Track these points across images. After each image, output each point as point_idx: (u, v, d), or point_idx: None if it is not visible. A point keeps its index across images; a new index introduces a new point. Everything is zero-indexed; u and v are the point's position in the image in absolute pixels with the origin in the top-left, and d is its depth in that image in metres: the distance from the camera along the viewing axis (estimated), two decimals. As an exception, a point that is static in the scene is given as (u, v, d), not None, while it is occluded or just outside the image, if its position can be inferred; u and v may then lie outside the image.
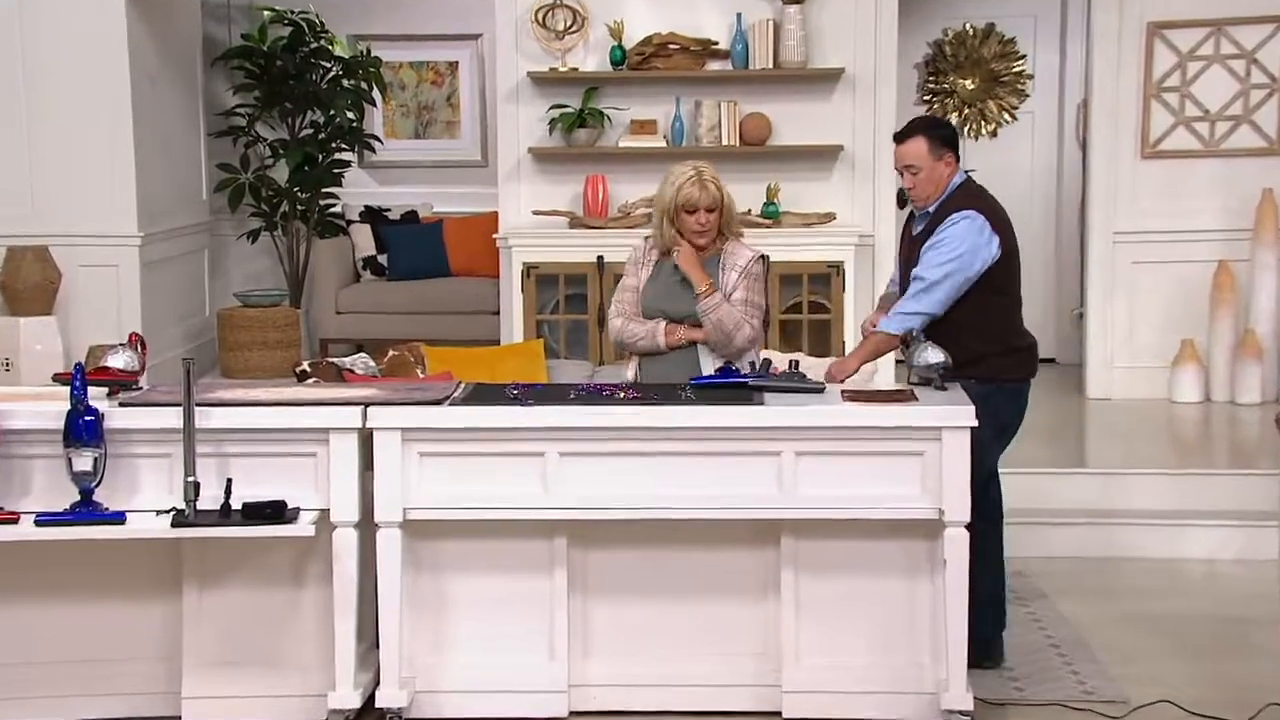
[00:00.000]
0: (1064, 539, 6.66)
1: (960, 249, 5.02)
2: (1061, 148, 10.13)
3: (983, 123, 10.16)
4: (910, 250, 5.25)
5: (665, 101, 8.59)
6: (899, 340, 5.09)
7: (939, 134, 5.17)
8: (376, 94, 10.29)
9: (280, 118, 10.00)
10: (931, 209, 5.18)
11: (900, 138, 5.22)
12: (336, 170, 10.09)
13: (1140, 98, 8.69)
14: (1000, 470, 5.24)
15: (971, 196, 5.17)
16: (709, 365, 5.28)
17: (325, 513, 4.65)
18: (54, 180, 8.61)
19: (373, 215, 10.51)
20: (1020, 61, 10.20)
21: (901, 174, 5.21)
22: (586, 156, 8.56)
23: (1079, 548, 6.64)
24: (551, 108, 8.57)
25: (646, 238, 5.44)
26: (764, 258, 5.40)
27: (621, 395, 4.80)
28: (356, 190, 10.70)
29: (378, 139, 10.51)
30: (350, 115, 10.01)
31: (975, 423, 4.60)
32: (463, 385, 5.04)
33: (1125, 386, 8.79)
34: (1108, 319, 8.82)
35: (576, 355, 8.32)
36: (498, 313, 8.83)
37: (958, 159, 5.20)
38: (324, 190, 10.09)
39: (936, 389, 4.88)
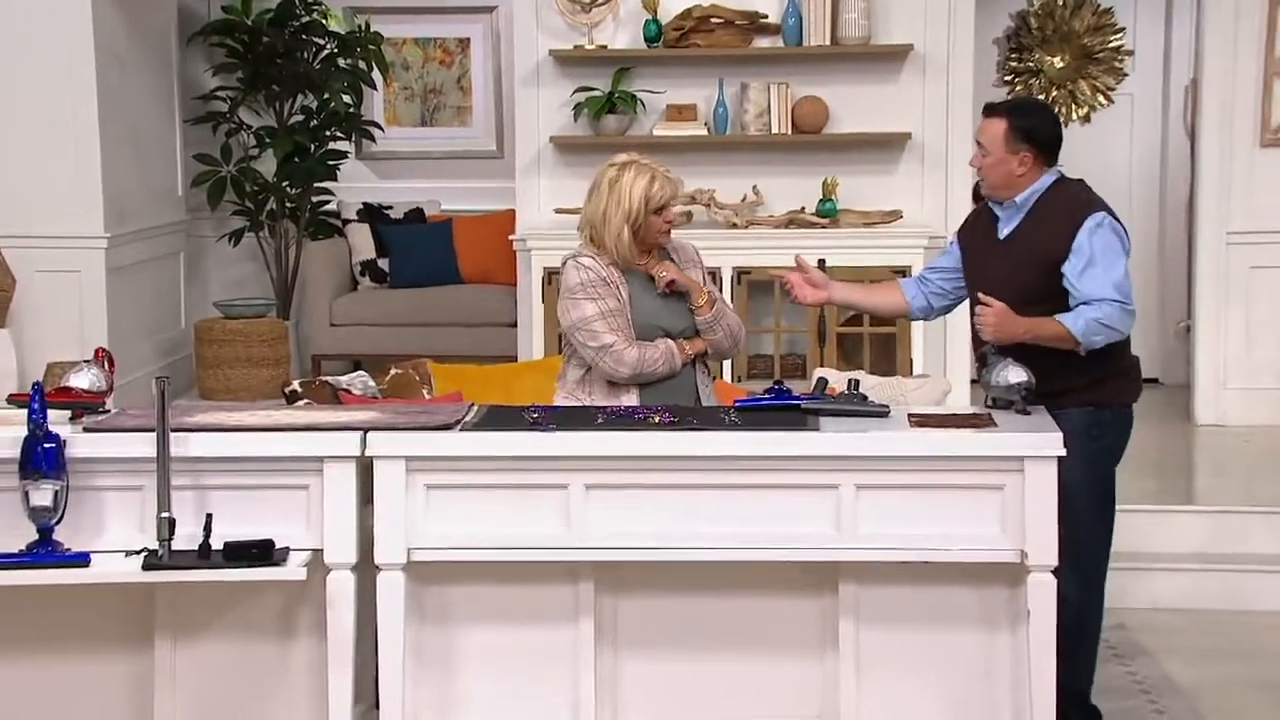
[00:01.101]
0: (1170, 587, 6.67)
1: (1122, 255, 5.10)
2: (1166, 135, 10.14)
3: (1073, 106, 10.18)
4: (991, 257, 5.26)
5: (707, 84, 8.63)
6: (1076, 341, 5.03)
7: (1026, 125, 5.19)
8: (377, 75, 10.36)
9: (266, 102, 10.07)
10: (1021, 204, 5.21)
11: (988, 110, 5.28)
12: (331, 162, 10.18)
13: (1260, 77, 8.68)
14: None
15: (1081, 193, 5.23)
16: (705, 385, 5.42)
17: (318, 553, 4.66)
18: (7, 174, 8.69)
19: (372, 214, 10.57)
20: (1118, 36, 10.21)
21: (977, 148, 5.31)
22: (617, 147, 8.32)
23: (1187, 598, 6.65)
24: (577, 91, 8.63)
25: (579, 256, 5.39)
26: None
27: (656, 419, 4.83)
28: (354, 185, 10.75)
29: (378, 126, 10.57)
30: (346, 99, 10.07)
31: (1063, 452, 4.60)
32: (475, 408, 5.05)
33: (1240, 411, 8.79)
34: (1220, 333, 8.82)
35: None
36: (515, 325, 8.92)
37: (1046, 162, 5.22)
38: (316, 185, 10.18)
39: (1018, 413, 4.88)
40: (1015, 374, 4.92)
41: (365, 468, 4.69)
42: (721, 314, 5.39)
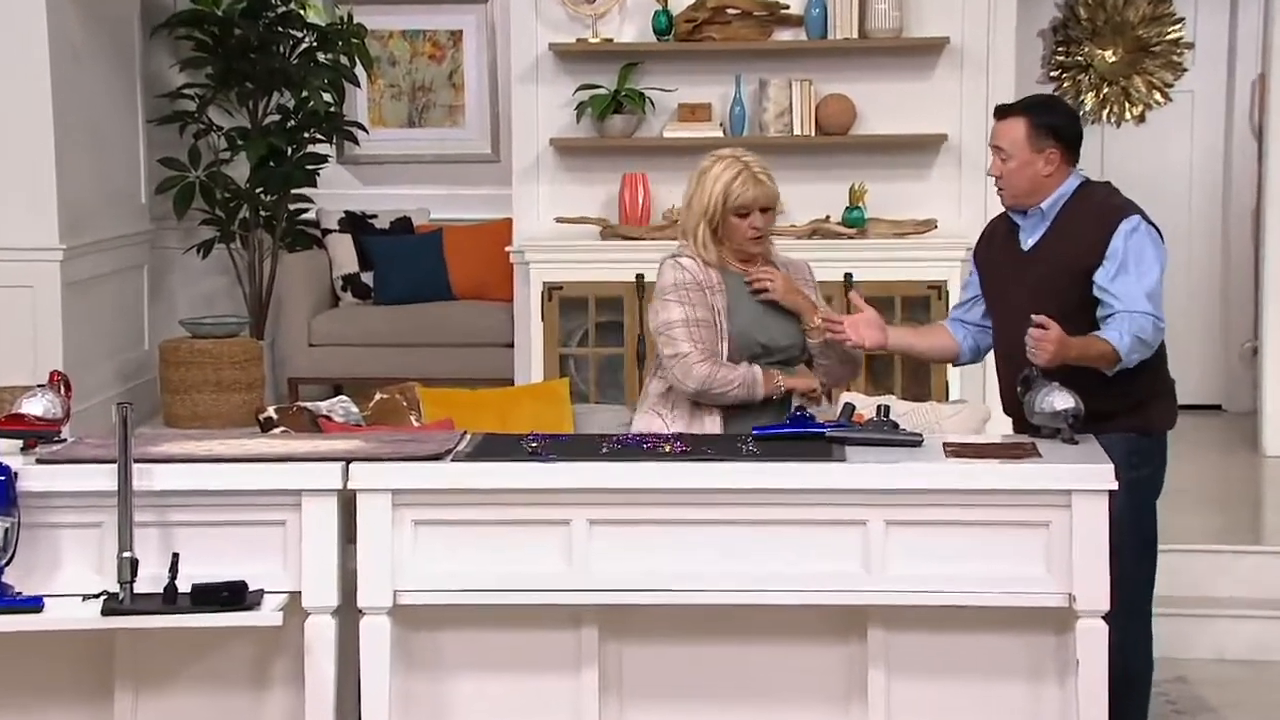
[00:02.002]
0: (1236, 636, 6.67)
1: (1157, 263, 5.11)
2: (1230, 135, 10.14)
3: (1126, 105, 10.18)
4: (1015, 272, 5.28)
5: (722, 81, 8.64)
6: (1119, 360, 5.05)
7: (1048, 121, 5.25)
8: (360, 71, 10.36)
9: (239, 101, 10.10)
10: (1046, 211, 5.24)
11: (1001, 112, 5.33)
12: (309, 167, 10.19)
13: (1335, 71, 8.70)
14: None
15: (1111, 195, 5.27)
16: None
17: (295, 596, 4.67)
18: (-49, 180, 8.72)
19: (355, 223, 10.58)
20: (1176, 26, 10.22)
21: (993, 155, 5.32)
22: (623, 150, 8.64)
23: (1255, 648, 6.66)
24: (579, 89, 8.64)
25: (679, 255, 5.46)
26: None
27: (666, 449, 4.85)
28: (335, 192, 10.77)
29: (361, 128, 10.56)
30: (327, 98, 10.07)
31: (1114, 485, 4.62)
32: (468, 436, 5.07)
33: (1314, 440, 8.79)
34: (1290, 354, 8.81)
35: (610, 399, 8.29)
36: (511, 345, 8.91)
37: (1071, 161, 5.27)
38: (293, 192, 10.19)
39: (1064, 442, 4.89)
40: (1062, 399, 4.91)
41: (347, 502, 4.70)
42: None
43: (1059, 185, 5.24)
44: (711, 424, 5.35)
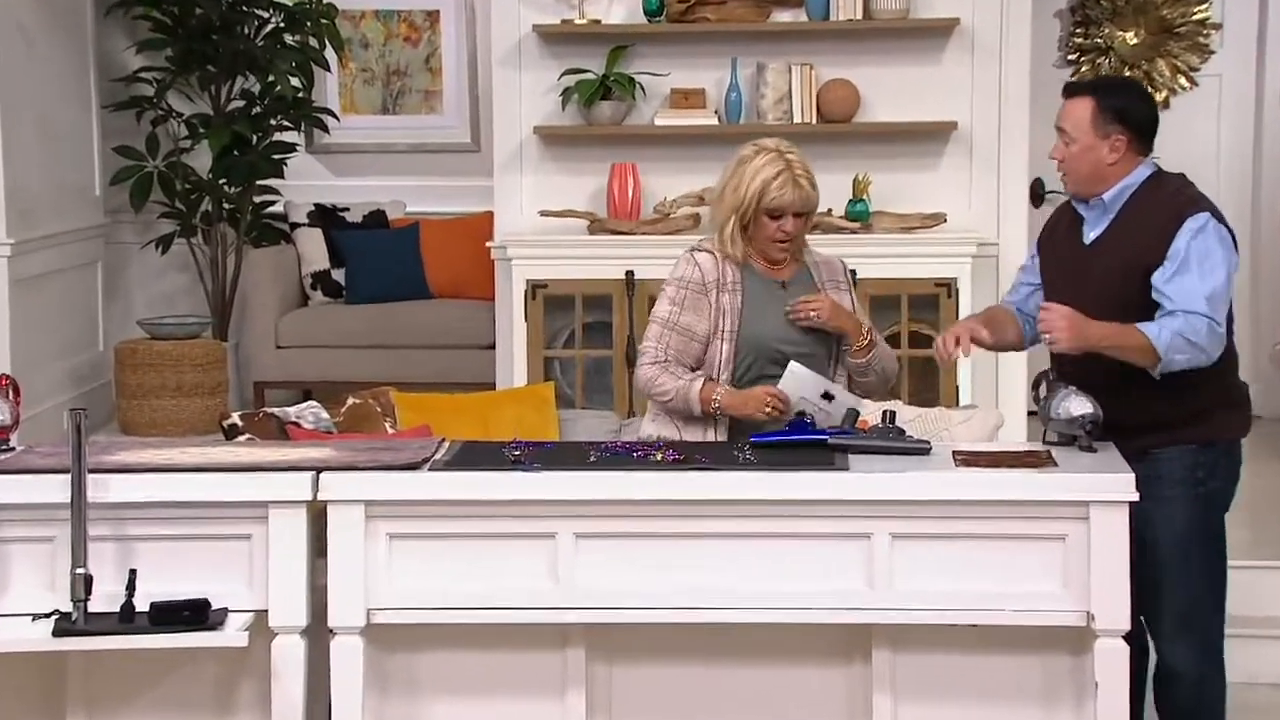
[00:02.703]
0: (1267, 660, 6.68)
1: (1224, 265, 5.04)
2: (1260, 122, 10.11)
3: (1150, 89, 10.17)
4: (1075, 266, 5.24)
5: (718, 65, 8.61)
6: (1158, 358, 4.96)
7: (1116, 103, 5.19)
8: (330, 54, 10.35)
9: (200, 86, 10.08)
10: (1110, 203, 5.19)
11: (1069, 90, 5.29)
12: (276, 156, 10.17)
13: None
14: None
15: (1183, 189, 5.22)
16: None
17: (262, 615, 4.67)
18: (-110, 169, 8.71)
19: (325, 216, 10.54)
20: (1203, 6, 10.18)
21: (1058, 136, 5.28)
22: (612, 139, 8.62)
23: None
24: (565, 73, 8.61)
25: (699, 249, 5.47)
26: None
27: (658, 457, 4.87)
28: (303, 183, 10.72)
29: (332, 114, 10.53)
30: (295, 83, 10.05)
31: (1135, 495, 4.64)
32: (447, 444, 5.09)
33: (1355, 447, 8.76)
34: (1327, 355, 8.76)
35: (598, 403, 8.30)
36: (493, 347, 8.89)
37: (1141, 149, 5.23)
38: (259, 183, 10.18)
39: (1082, 449, 4.91)
40: (1079, 404, 4.93)
41: (318, 514, 4.71)
42: (879, 358, 5.45)
43: (1125, 175, 5.19)
44: (720, 431, 5.37)
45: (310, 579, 4.70)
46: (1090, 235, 5.24)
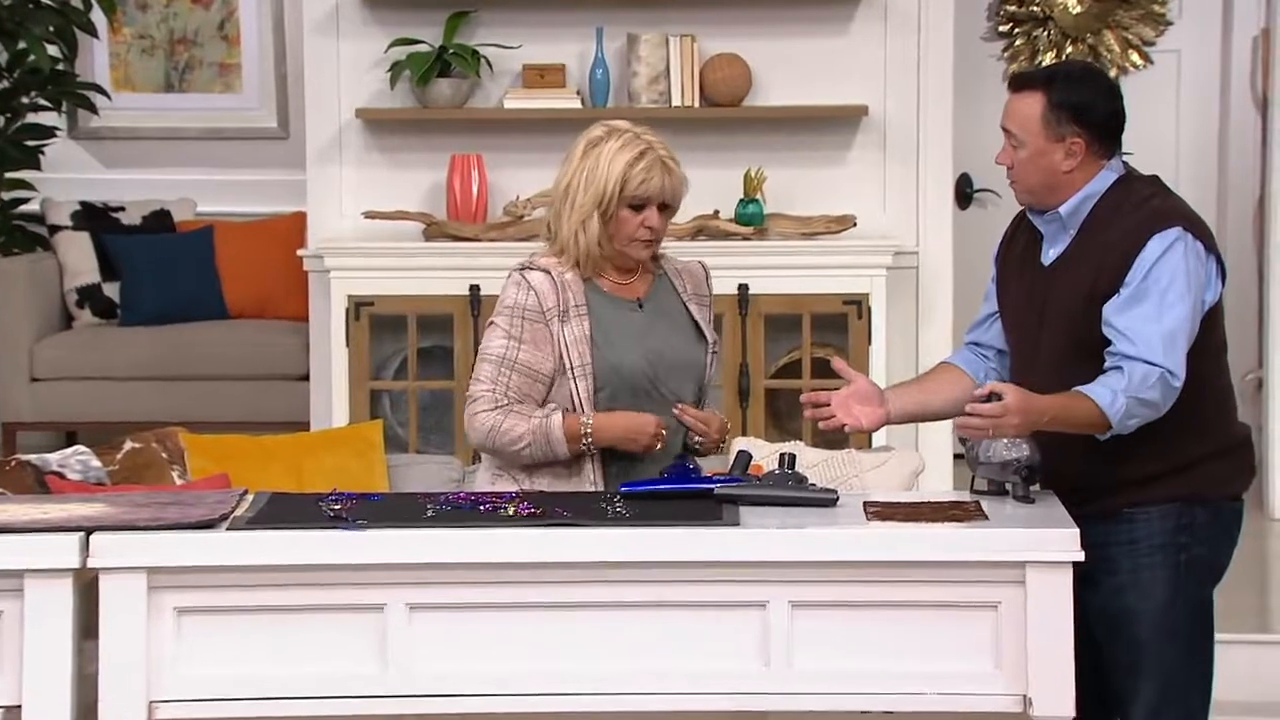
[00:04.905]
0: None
1: (1188, 295, 4.80)
2: (1225, 106, 10.04)
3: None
4: (1034, 288, 4.98)
5: (579, 36, 8.47)
6: (1109, 426, 4.76)
7: (1072, 100, 4.88)
8: (99, 17, 9.95)
9: (-64, 57, 9.84)
10: (1068, 218, 4.92)
11: (1015, 83, 5.02)
12: (31, 143, 9.85)
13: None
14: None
15: (1152, 196, 4.96)
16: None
17: (14, 711, 4.46)
18: None
19: (95, 218, 10.22)
20: (1157, -31, 10.26)
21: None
22: (452, 124, 8.46)
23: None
24: (394, 44, 8.37)
25: (530, 267, 5.15)
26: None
27: (510, 511, 4.71)
28: (66, 176, 10.41)
29: (101, 92, 10.22)
30: (53, 52, 9.70)
31: (1080, 554, 4.52)
32: (250, 497, 4.95)
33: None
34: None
35: (436, 445, 8.31)
36: (306, 378, 8.81)
37: (1102, 153, 4.92)
38: (10, 175, 9.82)
39: (1017, 499, 4.81)
40: (1012, 446, 4.82)
41: (87, 585, 4.54)
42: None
43: (1085, 183, 4.91)
44: (590, 467, 5.13)
45: (77, 665, 4.50)
46: (1050, 254, 5.00)
